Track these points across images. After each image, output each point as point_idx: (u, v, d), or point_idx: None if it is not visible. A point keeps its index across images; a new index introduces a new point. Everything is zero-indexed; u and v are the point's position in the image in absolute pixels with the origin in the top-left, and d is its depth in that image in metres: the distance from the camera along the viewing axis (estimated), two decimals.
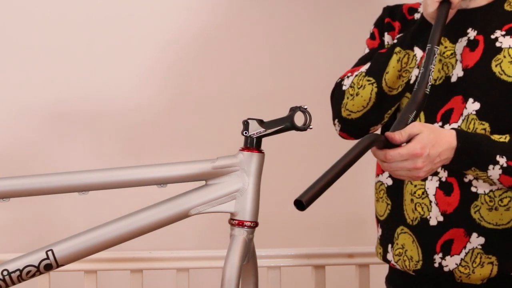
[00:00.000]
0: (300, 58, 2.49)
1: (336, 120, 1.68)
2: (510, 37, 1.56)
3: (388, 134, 1.39)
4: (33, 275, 1.36)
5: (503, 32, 1.57)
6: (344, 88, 1.66)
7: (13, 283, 1.35)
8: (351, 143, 1.36)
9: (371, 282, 2.24)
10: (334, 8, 2.49)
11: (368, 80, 1.62)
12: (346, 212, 2.49)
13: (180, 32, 2.44)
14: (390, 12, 1.74)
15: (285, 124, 1.33)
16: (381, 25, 1.74)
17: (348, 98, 1.64)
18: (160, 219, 1.36)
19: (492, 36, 1.58)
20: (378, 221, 1.72)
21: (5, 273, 1.35)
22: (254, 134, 1.34)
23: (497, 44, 1.56)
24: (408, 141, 1.39)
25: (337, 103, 1.67)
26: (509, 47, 1.55)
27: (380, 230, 1.71)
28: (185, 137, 2.44)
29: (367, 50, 1.74)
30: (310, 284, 2.26)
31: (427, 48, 1.51)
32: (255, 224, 1.35)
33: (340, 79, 1.69)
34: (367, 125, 1.66)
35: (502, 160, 1.45)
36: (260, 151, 1.36)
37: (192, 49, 2.45)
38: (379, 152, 1.39)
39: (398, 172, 1.41)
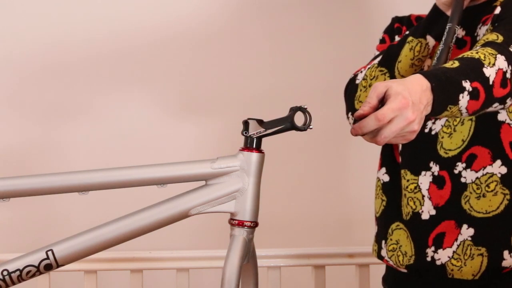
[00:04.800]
0: (300, 58, 2.49)
1: (350, 114, 1.69)
2: (484, 25, 1.57)
3: (356, 112, 1.23)
4: (33, 275, 1.35)
5: (480, 24, 1.59)
6: (357, 82, 1.67)
7: (13, 283, 1.35)
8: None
9: (371, 282, 2.24)
10: (335, 9, 2.50)
11: (381, 71, 1.64)
12: (347, 212, 2.49)
13: (180, 32, 2.44)
14: (399, 19, 1.78)
15: (285, 124, 1.33)
16: (391, 31, 1.77)
17: (361, 90, 1.65)
18: (160, 219, 1.35)
19: (475, 34, 1.59)
20: (376, 218, 1.74)
21: (5, 273, 1.34)
22: (254, 134, 1.34)
23: (478, 39, 1.58)
24: (382, 103, 1.22)
25: (351, 96, 1.68)
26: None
27: (376, 227, 1.73)
28: (185, 137, 2.44)
29: (377, 53, 1.75)
30: (310, 284, 2.26)
31: (447, 27, 1.50)
32: (255, 224, 1.35)
33: (353, 75, 1.71)
34: None
35: (467, 84, 1.31)
36: (260, 151, 1.35)
37: (192, 49, 2.45)
38: (369, 124, 1.20)
39: (394, 133, 1.20)
